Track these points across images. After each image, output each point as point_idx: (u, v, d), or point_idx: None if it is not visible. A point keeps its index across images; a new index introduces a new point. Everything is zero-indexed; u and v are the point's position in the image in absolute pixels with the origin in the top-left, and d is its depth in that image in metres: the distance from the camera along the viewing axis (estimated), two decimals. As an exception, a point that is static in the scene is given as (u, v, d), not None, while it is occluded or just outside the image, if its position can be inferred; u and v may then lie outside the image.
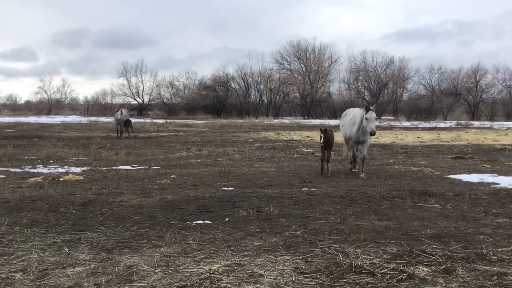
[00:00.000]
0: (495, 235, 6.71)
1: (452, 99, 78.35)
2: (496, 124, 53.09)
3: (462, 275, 4.99)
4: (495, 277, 4.94)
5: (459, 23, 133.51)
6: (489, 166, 15.09)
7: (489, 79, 79.27)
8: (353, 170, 13.85)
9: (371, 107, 12.63)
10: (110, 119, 49.90)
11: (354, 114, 13.43)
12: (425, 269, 5.18)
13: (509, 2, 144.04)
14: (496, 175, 12.83)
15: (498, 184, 11.34)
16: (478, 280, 4.85)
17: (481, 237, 6.60)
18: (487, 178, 12.32)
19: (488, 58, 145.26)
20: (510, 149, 20.52)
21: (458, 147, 22.54)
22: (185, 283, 4.81)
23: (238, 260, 5.54)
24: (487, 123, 57.11)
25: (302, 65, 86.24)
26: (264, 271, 5.13)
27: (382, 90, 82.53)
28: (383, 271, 5.12)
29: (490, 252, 5.78)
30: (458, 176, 12.66)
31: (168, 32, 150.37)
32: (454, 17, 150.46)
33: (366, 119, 12.44)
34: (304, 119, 70.12)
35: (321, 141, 13.02)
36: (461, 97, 79.11)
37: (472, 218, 7.83)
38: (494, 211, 8.41)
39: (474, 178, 12.35)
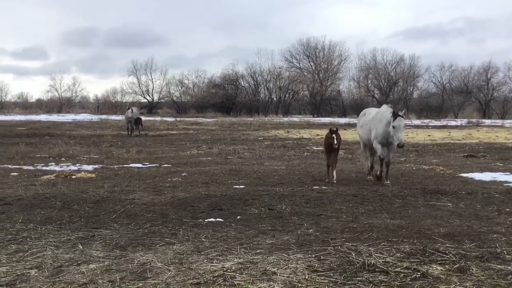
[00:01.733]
0: (508, 234, 6.66)
1: (463, 97, 77.69)
2: (507, 122, 52.58)
3: (476, 274, 4.97)
4: (510, 276, 4.91)
5: (470, 21, 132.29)
6: (501, 164, 14.97)
7: (500, 77, 78.47)
8: (368, 177, 12.11)
9: (400, 113, 10.60)
10: (120, 117, 50.13)
11: (379, 112, 11.58)
12: (439, 268, 5.16)
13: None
14: (509, 173, 12.73)
15: (511, 182, 11.24)
16: (492, 279, 4.82)
17: (494, 236, 6.56)
18: (500, 176, 12.23)
19: (500, 56, 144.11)
20: (523, 147, 20.34)
21: (469, 145, 22.39)
22: (198, 280, 4.84)
23: (251, 258, 5.56)
24: (499, 121, 56.59)
25: (312, 63, 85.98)
26: (277, 269, 5.14)
27: (392, 88, 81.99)
28: (396, 269, 5.11)
29: (504, 251, 5.74)
30: (470, 175, 12.58)
31: (177, 31, 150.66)
32: (465, 14, 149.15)
33: (393, 127, 10.52)
34: (313, 117, 69.87)
35: (334, 142, 11.15)
36: (472, 95, 78.43)
37: (485, 217, 7.78)
38: (508, 209, 8.34)
39: (486, 176, 12.26)
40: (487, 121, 56.38)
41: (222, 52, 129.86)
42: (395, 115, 10.47)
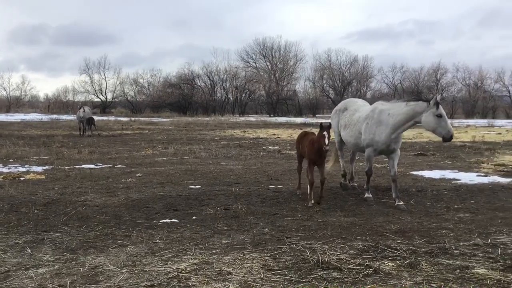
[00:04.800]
0: (456, 229, 6.91)
1: (408, 98, 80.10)
2: (456, 122, 54.53)
3: (426, 269, 5.12)
4: (458, 270, 5.08)
5: (419, 23, 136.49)
6: (450, 162, 15.51)
7: (449, 77, 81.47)
8: (352, 184, 10.46)
9: (438, 99, 8.53)
10: (72, 117, 48.82)
11: (376, 111, 9.18)
12: (390, 264, 5.28)
13: (466, 3, 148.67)
14: (457, 171, 13.21)
15: (459, 180, 11.68)
16: (441, 274, 4.98)
17: (443, 231, 6.79)
18: (448, 174, 12.67)
19: (448, 58, 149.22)
20: (470, 145, 21.16)
21: (420, 144, 23.07)
22: (152, 283, 4.76)
23: (206, 258, 5.52)
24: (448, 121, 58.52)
25: (268, 63, 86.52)
26: (233, 269, 5.13)
27: (346, 88, 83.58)
28: (349, 266, 5.19)
29: (452, 246, 5.94)
30: (420, 173, 12.97)
31: (131, 29, 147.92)
32: (415, 16, 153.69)
33: (438, 116, 8.42)
34: (270, 117, 70.29)
35: (326, 143, 8.14)
36: (423, 95, 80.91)
37: (434, 213, 8.04)
38: (456, 206, 8.66)
39: (435, 174, 12.67)
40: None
41: (178, 51, 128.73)
42: (437, 103, 8.41)
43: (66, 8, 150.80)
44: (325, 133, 8.18)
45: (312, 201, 8.59)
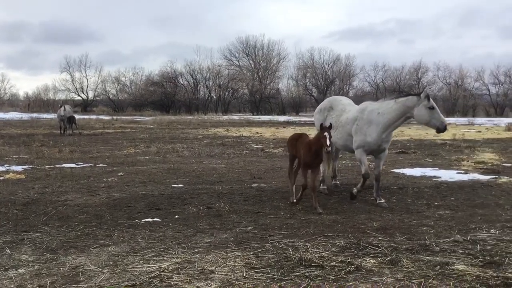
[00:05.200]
0: (437, 226, 7.00)
1: (396, 96, 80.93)
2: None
3: (407, 266, 5.17)
4: (438, 266, 5.14)
5: (400, 22, 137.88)
6: (430, 160, 15.69)
7: (430, 76, 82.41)
8: (334, 181, 10.50)
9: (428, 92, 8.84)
10: (52, 116, 48.14)
11: (366, 110, 9.08)
12: (371, 261, 5.32)
13: (447, 2, 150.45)
14: (437, 169, 13.37)
15: (439, 177, 11.82)
16: (422, 270, 5.04)
17: (424, 228, 6.87)
18: (429, 172, 12.81)
19: (429, 57, 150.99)
20: (450, 143, 21.42)
21: (401, 142, 23.29)
22: (134, 282, 4.72)
23: (189, 257, 5.50)
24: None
25: (251, 62, 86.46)
26: (215, 268, 5.12)
27: (329, 87, 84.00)
28: (331, 263, 5.22)
29: (433, 243, 6.02)
30: (401, 170, 13.09)
31: (112, 27, 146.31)
32: (396, 16, 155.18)
33: (431, 108, 8.40)
34: (253, 115, 70.29)
35: (327, 143, 7.73)
36: (404, 94, 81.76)
37: (415, 211, 8.13)
38: (436, 203, 8.76)
39: (416, 172, 12.81)
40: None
41: (160, 49, 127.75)
42: (427, 96, 8.50)
43: (47, 5, 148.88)
44: (326, 133, 7.79)
45: (295, 200, 8.54)
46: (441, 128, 8.52)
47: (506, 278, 4.77)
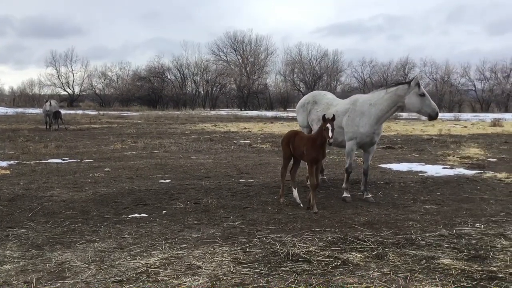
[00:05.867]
0: (423, 221, 7.06)
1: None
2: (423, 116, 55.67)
3: (393, 260, 5.21)
4: (424, 261, 5.19)
5: (388, 18, 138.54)
6: (417, 155, 15.81)
7: (417, 72, 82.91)
8: (321, 177, 10.21)
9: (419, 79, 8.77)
10: (38, 111, 47.68)
11: (358, 102, 9.04)
12: (358, 255, 5.36)
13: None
14: (424, 164, 13.48)
15: (426, 172, 11.92)
16: (408, 264, 5.08)
17: (410, 223, 6.92)
18: (415, 167, 12.91)
19: (416, 53, 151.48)
20: (437, 139, 21.61)
21: (388, 137, 23.43)
22: (121, 278, 4.70)
23: (176, 252, 5.48)
24: (415, 115, 59.65)
25: (239, 57, 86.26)
26: (202, 263, 5.11)
27: (317, 82, 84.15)
28: (318, 258, 5.25)
29: (419, 237, 6.07)
30: (388, 165, 13.18)
31: (99, 21, 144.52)
32: (384, 11, 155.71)
33: (422, 95, 8.44)
34: (241, 110, 70.20)
35: (330, 135, 7.32)
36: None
37: (401, 205, 8.19)
38: (422, 198, 8.84)
39: (403, 167, 12.90)
40: (405, 114, 59.07)
41: (147, 44, 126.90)
42: (418, 83, 8.51)
43: (31, 0, 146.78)
44: (328, 125, 7.36)
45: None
46: (433, 115, 8.50)
47: (490, 271, 4.83)
